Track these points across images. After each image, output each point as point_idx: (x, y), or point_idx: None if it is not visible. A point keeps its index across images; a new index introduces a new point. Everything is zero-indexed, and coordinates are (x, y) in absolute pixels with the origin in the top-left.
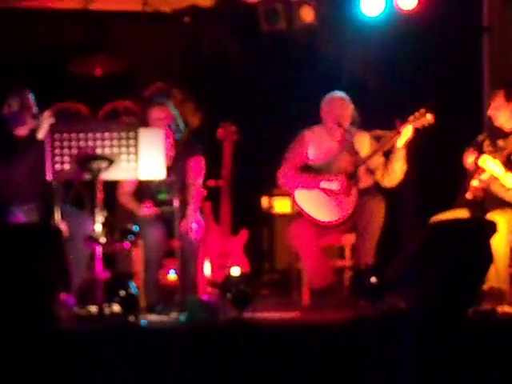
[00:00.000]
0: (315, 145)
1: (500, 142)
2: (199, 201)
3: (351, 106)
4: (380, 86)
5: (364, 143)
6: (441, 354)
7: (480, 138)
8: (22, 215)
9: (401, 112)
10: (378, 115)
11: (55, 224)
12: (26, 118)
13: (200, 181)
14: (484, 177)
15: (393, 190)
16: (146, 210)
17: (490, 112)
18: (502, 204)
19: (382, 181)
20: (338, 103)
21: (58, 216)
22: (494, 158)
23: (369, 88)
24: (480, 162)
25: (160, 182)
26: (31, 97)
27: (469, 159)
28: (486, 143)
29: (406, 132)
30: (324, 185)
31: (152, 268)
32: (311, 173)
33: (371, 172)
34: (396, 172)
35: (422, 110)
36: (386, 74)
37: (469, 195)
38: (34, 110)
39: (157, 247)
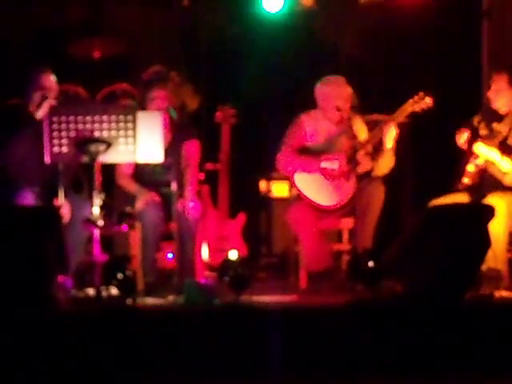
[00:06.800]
0: (313, 128)
1: (495, 126)
2: (196, 182)
3: (347, 88)
4: (379, 71)
5: (357, 126)
6: (438, 339)
7: (475, 119)
8: (31, 197)
9: (400, 97)
10: (377, 100)
11: (53, 206)
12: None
13: (196, 163)
14: (479, 161)
15: (391, 175)
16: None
17: (490, 94)
18: (500, 187)
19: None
20: (333, 87)
21: (62, 198)
22: (489, 144)
23: (368, 73)
24: (474, 149)
25: (156, 164)
26: (40, 77)
27: (461, 139)
28: (482, 126)
29: (391, 132)
30: (324, 164)
31: (149, 250)
32: (311, 154)
33: (370, 156)
34: (386, 165)
35: (421, 94)
36: (385, 58)
37: (465, 180)
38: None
39: (154, 229)
